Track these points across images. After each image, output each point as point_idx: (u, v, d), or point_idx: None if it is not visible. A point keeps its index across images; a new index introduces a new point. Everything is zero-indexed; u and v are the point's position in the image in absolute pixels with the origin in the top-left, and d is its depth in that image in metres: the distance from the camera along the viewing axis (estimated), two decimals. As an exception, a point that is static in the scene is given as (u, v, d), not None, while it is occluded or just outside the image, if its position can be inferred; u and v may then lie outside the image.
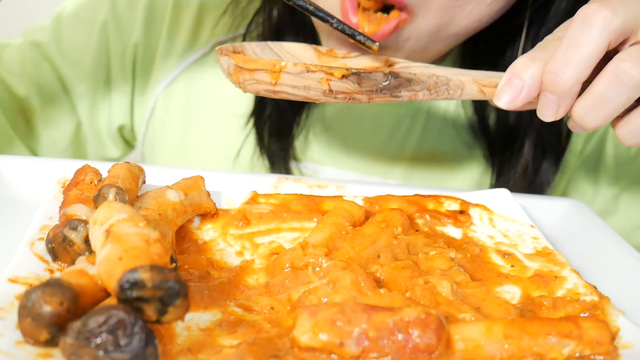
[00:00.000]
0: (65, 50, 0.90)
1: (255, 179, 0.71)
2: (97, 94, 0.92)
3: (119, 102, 0.93)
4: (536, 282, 0.58)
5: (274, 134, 0.89)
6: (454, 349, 0.45)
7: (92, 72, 0.90)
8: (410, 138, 0.92)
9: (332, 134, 0.91)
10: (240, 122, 0.90)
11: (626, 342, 0.50)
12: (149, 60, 0.92)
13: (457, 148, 0.93)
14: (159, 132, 0.94)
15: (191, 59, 0.92)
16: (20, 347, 0.41)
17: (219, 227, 0.61)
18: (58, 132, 0.93)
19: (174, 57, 0.92)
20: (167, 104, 0.93)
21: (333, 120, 0.91)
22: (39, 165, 0.67)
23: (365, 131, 0.91)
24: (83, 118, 0.93)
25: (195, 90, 0.92)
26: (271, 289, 0.53)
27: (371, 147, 0.91)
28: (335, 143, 0.91)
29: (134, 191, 0.57)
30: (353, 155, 0.91)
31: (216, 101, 0.92)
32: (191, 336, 0.46)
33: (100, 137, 0.95)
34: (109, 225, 0.46)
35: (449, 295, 0.51)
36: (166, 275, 0.41)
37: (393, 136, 0.91)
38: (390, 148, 0.92)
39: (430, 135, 0.92)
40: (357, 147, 0.91)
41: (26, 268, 0.49)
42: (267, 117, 0.88)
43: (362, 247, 0.57)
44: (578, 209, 0.75)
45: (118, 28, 0.90)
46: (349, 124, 0.91)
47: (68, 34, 0.90)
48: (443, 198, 0.68)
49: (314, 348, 0.44)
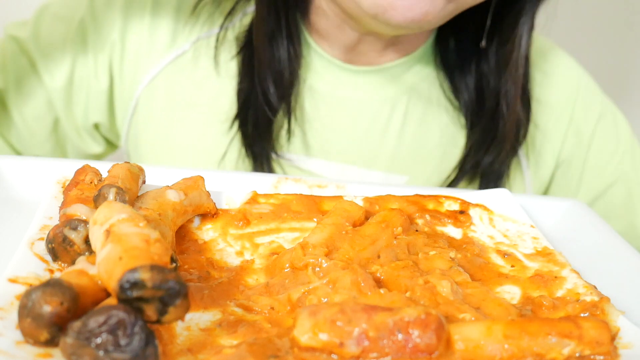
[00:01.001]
0: (42, 46, 0.90)
1: (255, 179, 0.71)
2: (72, 90, 0.92)
3: (94, 100, 0.93)
4: (536, 282, 0.58)
5: (259, 133, 0.89)
6: (454, 349, 0.45)
7: (67, 69, 0.91)
8: (391, 124, 0.92)
9: (313, 125, 0.92)
10: (223, 125, 0.91)
11: (626, 342, 0.50)
12: (128, 59, 0.92)
13: (441, 133, 0.94)
14: (142, 130, 0.94)
15: (172, 55, 0.92)
16: (21, 347, 0.41)
17: (219, 227, 0.61)
18: (36, 125, 0.93)
19: (155, 55, 0.92)
20: (149, 102, 0.93)
21: (314, 110, 0.91)
22: (39, 165, 0.67)
23: (347, 120, 0.92)
24: (60, 113, 0.93)
25: (177, 89, 0.92)
26: (271, 289, 0.53)
27: (354, 135, 0.92)
28: (317, 133, 0.92)
29: (134, 191, 0.57)
30: (336, 145, 0.92)
31: (197, 101, 0.92)
32: (191, 336, 0.46)
33: (79, 133, 0.96)
34: (109, 225, 0.46)
35: (449, 295, 0.51)
36: (166, 275, 0.41)
37: (377, 119, 0.92)
38: (376, 131, 0.92)
39: (412, 121, 0.93)
40: (340, 136, 0.92)
41: (26, 268, 0.49)
42: (252, 119, 0.88)
43: (362, 247, 0.57)
44: (578, 209, 0.75)
45: (95, 26, 0.91)
46: (330, 113, 0.91)
47: (46, 30, 0.91)
48: (443, 198, 0.68)
49: (314, 348, 0.44)
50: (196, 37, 0.91)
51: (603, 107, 0.99)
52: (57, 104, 0.92)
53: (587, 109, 0.98)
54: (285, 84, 0.88)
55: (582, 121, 0.97)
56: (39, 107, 0.92)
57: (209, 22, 0.92)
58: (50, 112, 0.93)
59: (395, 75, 0.92)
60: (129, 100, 0.93)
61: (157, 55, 0.92)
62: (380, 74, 0.92)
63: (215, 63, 0.91)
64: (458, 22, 0.89)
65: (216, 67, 0.91)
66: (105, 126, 0.96)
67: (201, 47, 0.91)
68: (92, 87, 0.92)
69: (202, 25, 0.92)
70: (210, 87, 0.91)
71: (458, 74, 0.93)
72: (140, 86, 0.93)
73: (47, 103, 0.92)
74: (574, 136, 0.97)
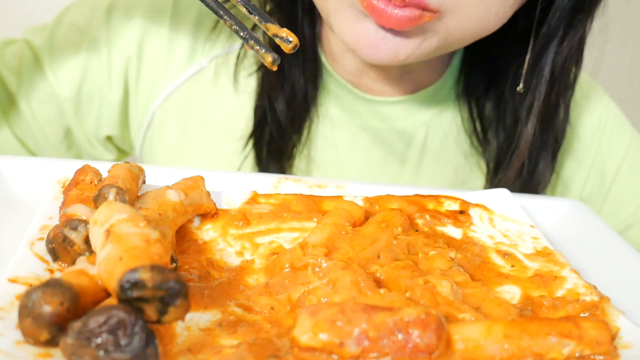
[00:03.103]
0: (55, 54, 0.89)
1: (255, 179, 0.71)
2: (82, 100, 0.91)
3: (107, 112, 0.92)
4: (536, 282, 0.58)
5: (274, 154, 0.88)
6: (454, 349, 0.45)
7: (78, 79, 0.90)
8: (410, 153, 0.91)
9: (330, 152, 0.90)
10: (238, 143, 0.89)
11: (626, 342, 0.50)
12: (145, 72, 0.91)
13: (458, 161, 0.92)
14: (157, 144, 0.94)
15: (189, 72, 0.91)
16: (21, 347, 0.41)
17: (219, 227, 0.61)
18: (49, 129, 0.92)
19: (172, 70, 0.91)
20: (165, 118, 0.92)
21: (329, 135, 0.90)
22: (39, 165, 0.66)
23: (363, 150, 0.90)
24: (71, 123, 0.92)
25: (193, 107, 0.91)
26: (271, 289, 0.53)
27: (372, 163, 0.91)
28: (333, 161, 0.90)
29: (134, 191, 0.57)
30: (350, 174, 0.90)
31: (214, 119, 0.91)
32: (191, 336, 0.46)
33: (91, 142, 0.95)
34: (109, 225, 0.46)
35: (448, 295, 0.51)
36: (166, 275, 0.41)
37: (392, 152, 0.90)
38: (392, 164, 0.91)
39: (431, 149, 0.91)
40: (355, 166, 0.90)
41: (26, 268, 0.49)
42: (266, 138, 0.87)
43: (362, 247, 0.57)
44: (578, 209, 0.74)
45: (111, 37, 0.89)
46: (345, 141, 0.90)
47: (61, 37, 0.90)
48: (443, 198, 0.68)
49: (314, 348, 0.44)
50: (215, 54, 0.90)
51: (631, 144, 0.95)
52: (68, 113, 0.91)
53: (613, 146, 0.94)
54: (298, 104, 0.86)
55: (607, 158, 0.94)
56: (51, 114, 0.91)
57: (230, 39, 0.90)
58: (62, 120, 0.92)
59: (414, 108, 0.90)
60: (144, 114, 0.92)
61: (175, 71, 0.90)
62: (398, 106, 0.89)
63: (234, 79, 0.89)
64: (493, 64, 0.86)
65: (235, 84, 0.89)
66: (118, 138, 0.95)
67: (221, 65, 0.90)
68: (105, 99, 0.91)
69: (223, 42, 0.90)
70: (227, 104, 0.90)
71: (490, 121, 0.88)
72: (157, 101, 0.91)
73: (59, 111, 0.91)
74: (597, 172, 0.94)
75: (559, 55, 0.81)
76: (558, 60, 0.81)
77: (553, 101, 0.84)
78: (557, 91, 0.83)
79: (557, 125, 0.86)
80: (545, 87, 0.82)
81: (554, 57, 0.81)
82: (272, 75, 0.85)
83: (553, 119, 0.85)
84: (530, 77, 0.82)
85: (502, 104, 0.87)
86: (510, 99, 0.86)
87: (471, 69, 0.90)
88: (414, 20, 0.69)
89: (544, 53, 0.81)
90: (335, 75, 0.88)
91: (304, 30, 0.85)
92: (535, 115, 0.83)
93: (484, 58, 0.88)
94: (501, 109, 0.87)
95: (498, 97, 0.88)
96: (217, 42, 0.90)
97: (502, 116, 0.87)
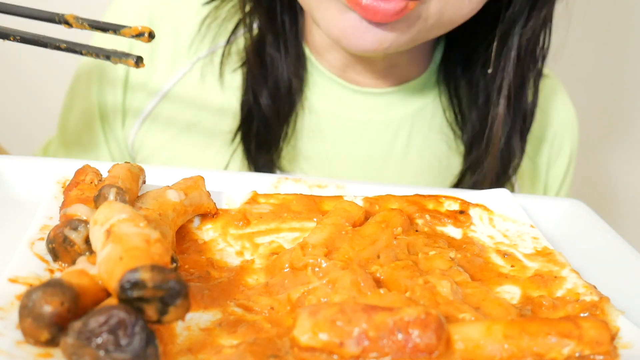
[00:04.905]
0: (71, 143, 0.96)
1: (255, 179, 0.71)
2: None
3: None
4: (536, 282, 0.58)
5: (262, 147, 0.88)
6: (454, 348, 0.45)
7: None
8: (396, 144, 0.92)
9: (317, 144, 0.91)
10: (227, 137, 0.90)
11: (626, 342, 0.50)
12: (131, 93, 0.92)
13: (441, 148, 0.93)
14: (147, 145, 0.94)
15: (172, 81, 0.91)
16: (21, 347, 0.41)
17: (219, 227, 0.61)
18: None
19: (156, 79, 0.91)
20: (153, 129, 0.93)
21: (315, 127, 0.91)
22: (39, 165, 0.67)
23: (349, 141, 0.91)
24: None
25: (180, 111, 0.92)
26: (271, 289, 0.53)
27: (356, 157, 0.91)
28: (321, 152, 0.91)
29: (134, 191, 0.57)
30: (338, 165, 0.91)
31: (201, 118, 0.91)
32: (191, 336, 0.46)
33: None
34: (109, 225, 0.46)
35: (448, 295, 0.52)
36: (167, 275, 0.41)
37: (379, 143, 0.91)
38: (378, 154, 0.92)
39: (416, 139, 0.92)
40: (342, 157, 0.91)
41: (26, 268, 0.49)
42: (254, 131, 0.88)
43: (362, 247, 0.57)
44: (578, 209, 0.75)
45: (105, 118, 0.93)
46: (332, 132, 0.91)
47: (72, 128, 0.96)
48: (443, 198, 0.68)
49: (314, 348, 0.44)
50: (196, 57, 0.91)
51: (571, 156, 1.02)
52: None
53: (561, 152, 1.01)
54: (282, 98, 0.87)
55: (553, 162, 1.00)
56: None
57: (212, 41, 0.91)
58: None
59: (399, 100, 0.91)
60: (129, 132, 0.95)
61: (157, 83, 0.91)
62: (383, 98, 0.91)
63: (219, 76, 0.90)
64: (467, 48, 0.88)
65: (220, 80, 0.90)
66: None
67: (206, 66, 0.90)
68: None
69: (205, 44, 0.91)
70: (214, 101, 0.91)
71: (465, 103, 0.92)
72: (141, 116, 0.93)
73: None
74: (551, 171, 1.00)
75: (524, 36, 0.84)
76: (523, 42, 0.84)
77: (519, 82, 0.87)
78: (522, 73, 0.86)
79: (524, 105, 0.89)
80: (513, 68, 0.85)
81: (519, 38, 0.84)
82: (256, 70, 0.86)
83: (520, 98, 0.88)
84: (498, 58, 0.85)
85: (474, 86, 0.90)
86: (483, 81, 0.89)
87: (449, 58, 0.93)
88: (400, 12, 0.71)
89: (510, 34, 0.84)
90: (321, 68, 0.90)
91: (285, 26, 0.86)
92: (505, 96, 0.86)
93: (461, 45, 0.90)
94: (473, 91, 0.90)
95: (471, 80, 0.91)
96: (201, 44, 0.91)
97: (475, 98, 0.90)
